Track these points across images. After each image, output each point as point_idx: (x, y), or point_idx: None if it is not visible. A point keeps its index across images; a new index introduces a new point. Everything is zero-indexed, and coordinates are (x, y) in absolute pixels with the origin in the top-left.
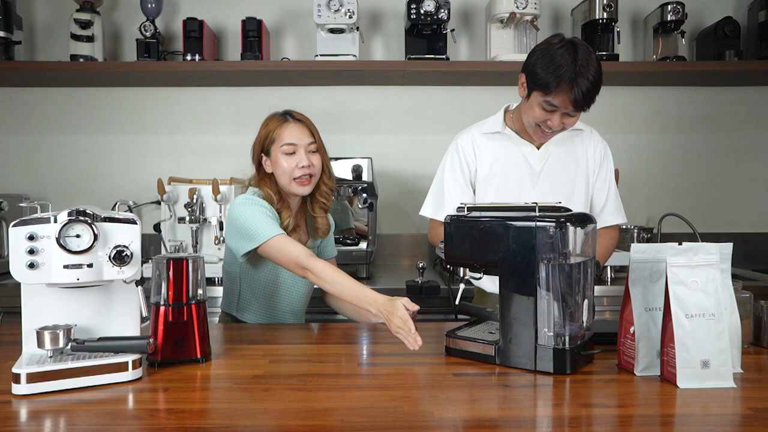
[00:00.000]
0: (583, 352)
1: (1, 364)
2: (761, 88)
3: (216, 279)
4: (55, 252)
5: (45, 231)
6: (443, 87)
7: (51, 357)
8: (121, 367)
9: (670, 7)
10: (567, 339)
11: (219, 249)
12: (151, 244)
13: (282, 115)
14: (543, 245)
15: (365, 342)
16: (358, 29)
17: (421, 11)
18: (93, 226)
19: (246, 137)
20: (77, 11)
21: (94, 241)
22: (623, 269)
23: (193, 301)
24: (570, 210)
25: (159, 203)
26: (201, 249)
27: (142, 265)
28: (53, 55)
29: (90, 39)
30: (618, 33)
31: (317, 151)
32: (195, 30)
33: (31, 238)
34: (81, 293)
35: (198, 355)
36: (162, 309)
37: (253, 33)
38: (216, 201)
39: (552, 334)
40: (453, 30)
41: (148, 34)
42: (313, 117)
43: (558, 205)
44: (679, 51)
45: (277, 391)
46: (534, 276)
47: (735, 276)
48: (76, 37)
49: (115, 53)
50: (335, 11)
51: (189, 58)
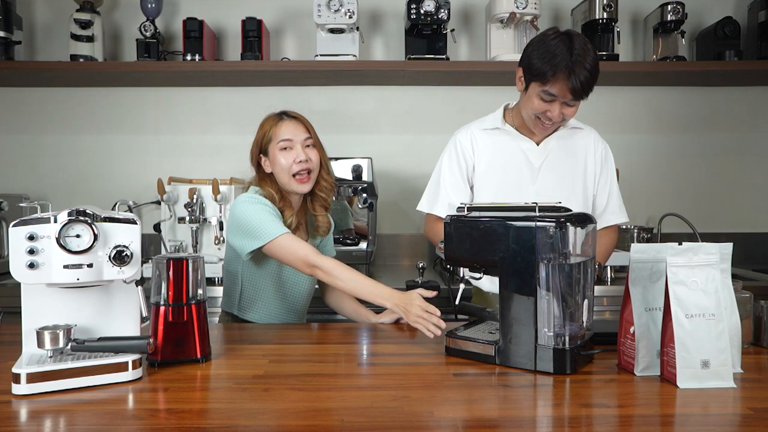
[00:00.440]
0: (583, 352)
1: (1, 364)
2: (761, 88)
3: (216, 279)
4: (55, 252)
5: (45, 231)
6: (443, 87)
7: (51, 357)
8: (121, 367)
9: (670, 7)
10: (567, 339)
11: (219, 249)
12: (151, 244)
13: (277, 115)
14: (543, 245)
15: (365, 342)
16: (358, 29)
17: (421, 11)
18: (93, 226)
19: (246, 137)
20: (77, 11)
21: (94, 241)
22: (623, 269)
23: (193, 301)
24: (570, 210)
25: (159, 203)
26: (201, 249)
27: (142, 265)
28: (53, 55)
29: (90, 39)
30: (618, 33)
31: (314, 147)
32: (195, 30)
33: (31, 238)
34: (81, 293)
35: (198, 355)
36: (162, 309)
37: (253, 33)
38: (216, 201)
39: (552, 334)
40: (453, 30)
41: (148, 34)
42: (313, 117)
43: (558, 205)
44: (679, 51)
45: (277, 391)
46: (534, 276)
47: (735, 276)
48: (76, 37)
49: (115, 53)
50: (335, 11)
51: (189, 58)
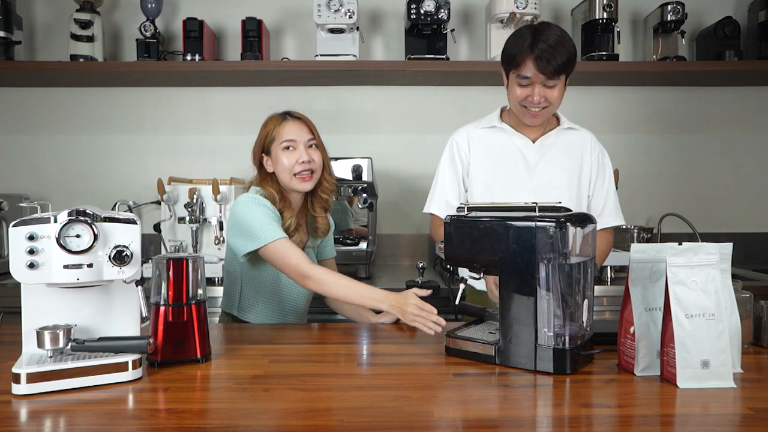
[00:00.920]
0: (583, 352)
1: (1, 364)
2: (761, 88)
3: (216, 279)
4: (55, 252)
5: (45, 231)
6: (443, 87)
7: (51, 357)
8: (121, 367)
9: (670, 7)
10: (567, 339)
11: (219, 249)
12: (151, 244)
13: (281, 115)
14: (543, 245)
15: (365, 342)
16: (358, 29)
17: (421, 11)
18: (93, 226)
19: (246, 137)
20: (77, 11)
21: (94, 241)
22: (623, 269)
23: (193, 301)
24: (570, 210)
25: (159, 203)
26: (201, 249)
27: (142, 265)
28: (53, 55)
29: (90, 39)
30: (618, 33)
31: (317, 148)
32: (195, 30)
33: (31, 238)
34: (81, 293)
35: (198, 355)
36: (162, 309)
37: (253, 33)
38: (216, 201)
39: (552, 334)
40: (453, 30)
41: (148, 34)
42: (313, 117)
43: (558, 205)
44: (679, 51)
45: (277, 391)
46: (534, 276)
47: (735, 276)
48: (76, 37)
49: (115, 53)
50: (335, 11)
51: (189, 58)
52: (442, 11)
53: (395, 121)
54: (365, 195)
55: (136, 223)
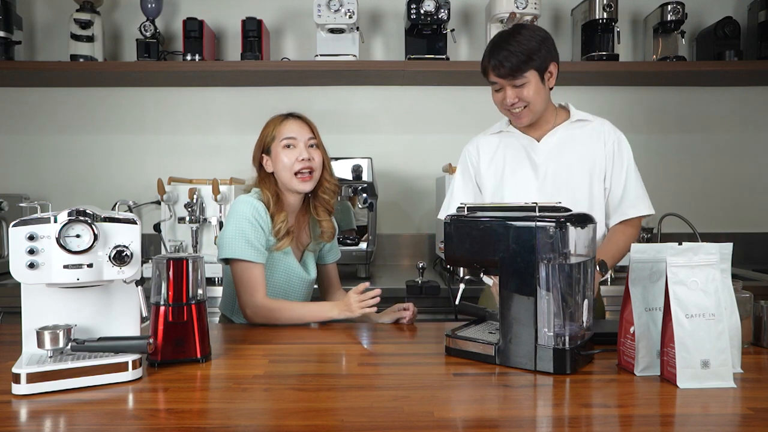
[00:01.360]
0: (583, 352)
1: (1, 364)
2: (761, 88)
3: (216, 279)
4: (55, 252)
5: (45, 231)
6: (443, 87)
7: (51, 357)
8: (121, 367)
9: (670, 7)
10: (567, 339)
11: None
12: (151, 244)
13: (282, 115)
14: (543, 245)
15: (365, 342)
16: (358, 29)
17: (421, 11)
18: (93, 226)
19: (246, 137)
20: (77, 11)
21: (94, 241)
22: (623, 269)
23: (193, 301)
24: (570, 210)
25: (159, 203)
26: (201, 249)
27: (142, 265)
28: (53, 55)
29: (90, 39)
30: (618, 33)
31: (317, 148)
32: (195, 30)
33: (31, 238)
34: (81, 293)
35: (198, 355)
36: (162, 309)
37: (253, 33)
38: (216, 201)
39: (552, 334)
40: (453, 30)
41: (148, 34)
42: (313, 117)
43: (558, 205)
44: (679, 51)
45: (277, 391)
46: (534, 276)
47: (735, 276)
48: (76, 37)
49: (115, 53)
50: (335, 11)
51: (189, 58)
52: (442, 11)
53: (395, 121)
54: (365, 195)
55: (136, 223)
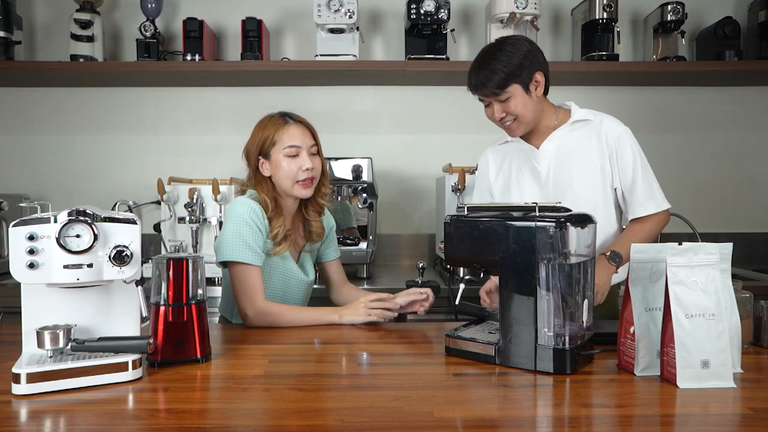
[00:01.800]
0: (583, 352)
1: (1, 364)
2: (761, 88)
3: (216, 279)
4: (55, 252)
5: (45, 231)
6: (443, 87)
7: (51, 357)
8: (121, 367)
9: (670, 7)
10: (567, 339)
11: None
12: (151, 244)
13: (281, 117)
14: (543, 245)
15: (365, 342)
16: (358, 29)
17: (421, 11)
18: (93, 226)
19: (246, 137)
20: (77, 11)
21: (94, 241)
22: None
23: (193, 301)
24: (570, 210)
25: (159, 203)
26: (201, 249)
27: (142, 265)
28: (53, 55)
29: (90, 39)
30: (618, 33)
31: (317, 154)
32: (195, 30)
33: (31, 238)
34: (81, 293)
35: (198, 355)
36: (162, 309)
37: (253, 33)
38: (216, 201)
39: (552, 334)
40: (453, 30)
41: (148, 34)
42: (313, 117)
43: (558, 205)
44: (679, 51)
45: (277, 391)
46: (534, 276)
47: (735, 276)
48: (76, 37)
49: (115, 53)
50: (335, 11)
51: (189, 58)
52: (442, 11)
53: (395, 121)
54: (365, 195)
55: (136, 223)
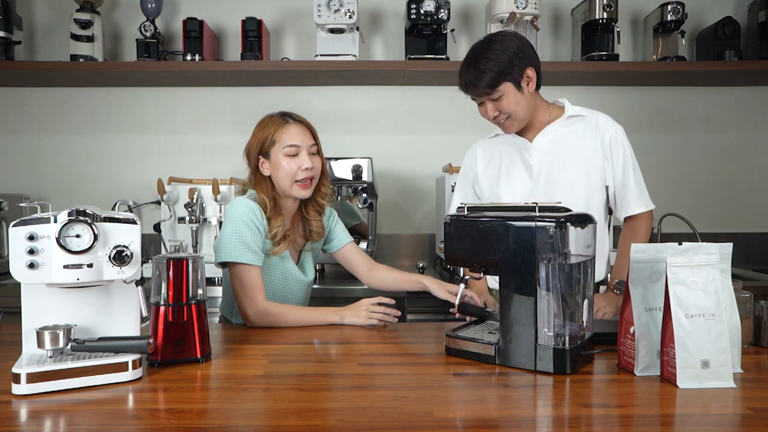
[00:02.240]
0: (583, 352)
1: (1, 364)
2: (761, 88)
3: (216, 279)
4: (55, 252)
5: (45, 231)
6: (443, 87)
7: (51, 357)
8: (121, 367)
9: (670, 7)
10: (567, 339)
11: None
12: (151, 244)
13: (281, 117)
14: (543, 245)
15: (365, 342)
16: (358, 29)
17: (421, 11)
18: (93, 226)
19: (246, 137)
20: (77, 11)
21: (94, 241)
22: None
23: (193, 301)
24: (570, 210)
25: (159, 203)
26: (201, 249)
27: (142, 265)
28: (53, 55)
29: (90, 39)
30: (618, 33)
31: (317, 154)
32: (195, 30)
33: (31, 238)
34: (81, 293)
35: (198, 355)
36: (162, 309)
37: (253, 33)
38: (216, 201)
39: (552, 334)
40: (453, 30)
41: (148, 34)
42: (313, 117)
43: (558, 205)
44: (679, 51)
45: (277, 391)
46: (534, 276)
47: (735, 276)
48: (76, 37)
49: (115, 53)
50: (335, 11)
51: (189, 58)
52: (442, 11)
53: (395, 121)
54: (365, 195)
55: (136, 223)
